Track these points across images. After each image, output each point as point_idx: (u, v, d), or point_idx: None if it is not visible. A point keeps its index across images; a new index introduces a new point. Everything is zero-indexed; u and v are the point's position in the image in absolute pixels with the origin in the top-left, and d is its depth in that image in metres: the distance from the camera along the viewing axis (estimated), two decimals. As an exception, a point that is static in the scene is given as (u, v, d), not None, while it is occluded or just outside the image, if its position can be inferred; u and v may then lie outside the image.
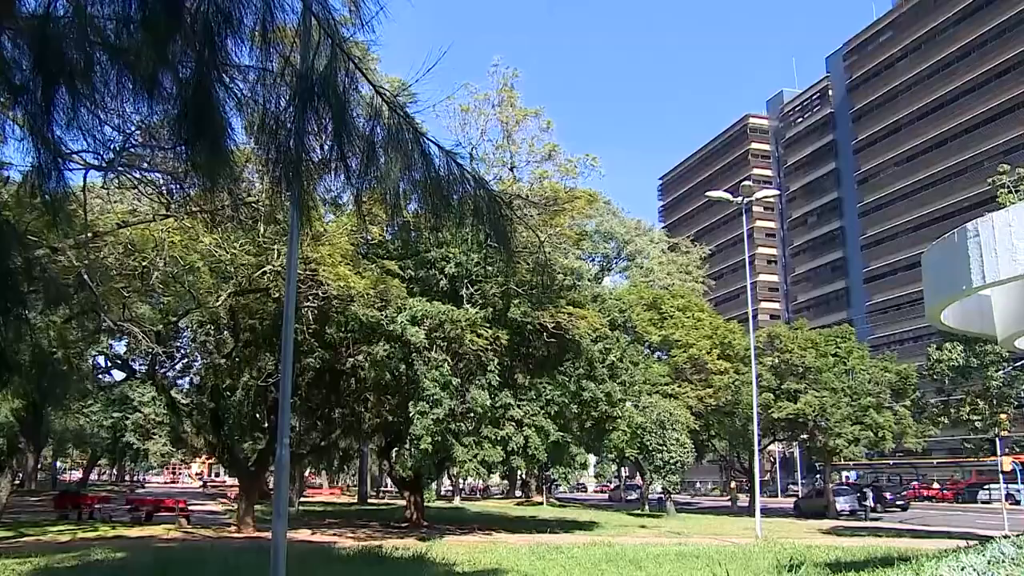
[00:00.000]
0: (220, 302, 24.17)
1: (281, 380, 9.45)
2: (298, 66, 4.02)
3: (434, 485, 67.23)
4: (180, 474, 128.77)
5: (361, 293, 24.30)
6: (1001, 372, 35.71)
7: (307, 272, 22.93)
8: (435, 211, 4.23)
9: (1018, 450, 56.73)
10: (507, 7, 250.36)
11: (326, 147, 4.14)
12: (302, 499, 52.34)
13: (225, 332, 30.26)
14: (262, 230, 20.36)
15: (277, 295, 23.72)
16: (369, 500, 61.60)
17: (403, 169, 4.08)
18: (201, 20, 3.71)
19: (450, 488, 78.06)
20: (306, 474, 68.02)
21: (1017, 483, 46.40)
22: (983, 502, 59.25)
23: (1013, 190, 33.94)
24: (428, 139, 4.19)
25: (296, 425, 33.59)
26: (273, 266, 22.40)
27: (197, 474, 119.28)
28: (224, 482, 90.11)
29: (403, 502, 39.16)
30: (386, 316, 26.31)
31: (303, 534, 27.83)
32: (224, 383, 31.04)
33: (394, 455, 38.55)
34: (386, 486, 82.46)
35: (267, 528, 21.17)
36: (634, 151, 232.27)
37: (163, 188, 10.94)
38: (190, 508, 34.97)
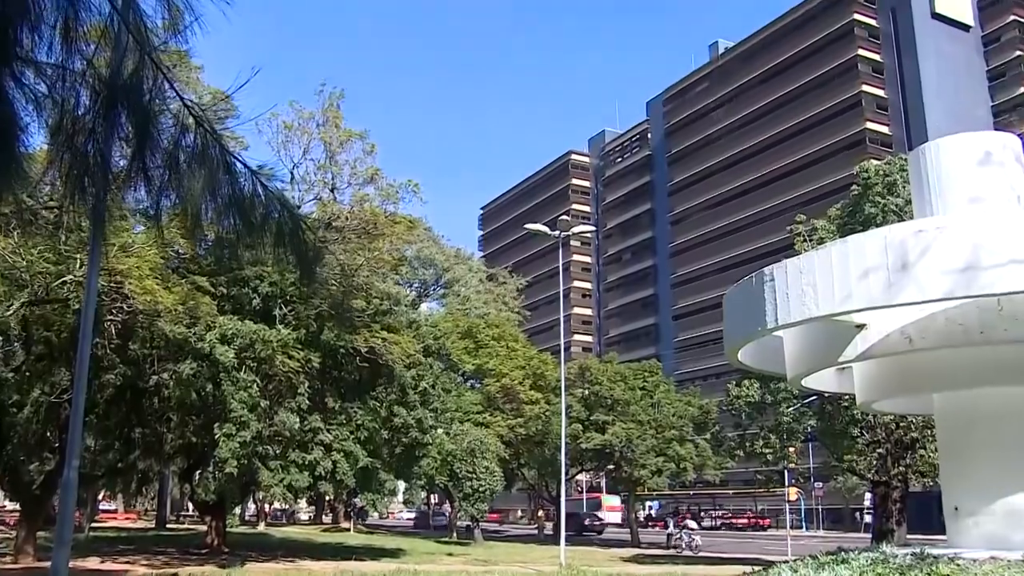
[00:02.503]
0: (11, 312, 22.65)
1: (74, 397, 8.89)
2: (102, 70, 3.83)
3: (238, 510, 65.01)
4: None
5: (169, 309, 23.31)
6: (791, 408, 37.79)
7: (111, 284, 21.82)
8: (237, 231, 4.11)
9: (802, 481, 60.30)
10: (343, 37, 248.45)
11: (127, 157, 3.96)
12: (93, 524, 49.41)
13: (16, 344, 28.33)
14: (64, 238, 19.27)
15: (77, 306, 22.45)
16: (168, 525, 58.87)
17: (207, 186, 3.95)
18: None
19: (255, 513, 75.68)
20: (99, 497, 64.28)
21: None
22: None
23: (808, 239, 36.12)
24: (235, 157, 4.08)
25: (91, 445, 31.75)
26: (75, 276, 21.19)
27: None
28: (3, 507, 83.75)
29: (204, 527, 37.64)
30: (195, 333, 25.36)
31: (92, 563, 26.27)
32: (11, 399, 28.99)
33: (197, 478, 37.02)
34: (187, 510, 78.99)
35: (49, 557, 19.83)
36: (458, 181, 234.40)
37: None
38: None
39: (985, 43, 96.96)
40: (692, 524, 52.08)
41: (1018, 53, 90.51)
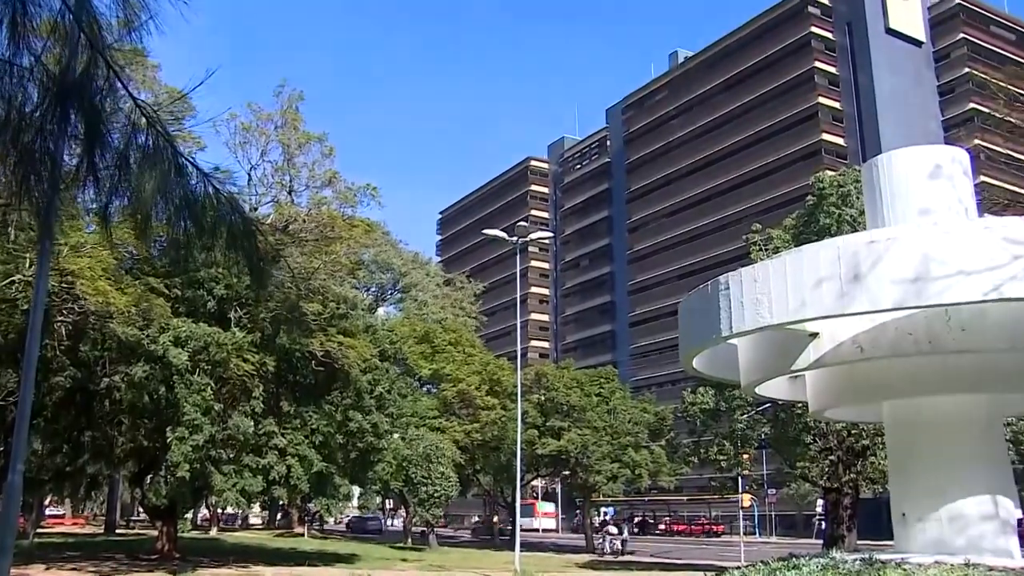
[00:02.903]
0: (-45, 312, 22.22)
1: (21, 399, 8.72)
2: (51, 67, 3.77)
3: (190, 515, 64.15)
4: None
5: (122, 310, 22.99)
6: (745, 416, 38.09)
7: (62, 284, 21.48)
8: (188, 233, 4.06)
9: (755, 487, 60.89)
10: (304, 40, 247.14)
11: (76, 157, 3.89)
12: (39, 530, 48.46)
13: (-39, 345, 27.76)
14: (12, 236, 18.94)
15: (26, 307, 22.05)
16: (118, 531, 57.93)
17: (158, 188, 3.89)
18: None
19: (207, 518, 74.74)
20: (46, 502, 63.12)
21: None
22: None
23: (763, 248, 36.46)
24: (187, 159, 4.02)
25: (38, 448, 31.18)
26: (24, 276, 20.82)
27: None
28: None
29: (155, 533, 37.08)
30: (148, 336, 25.02)
31: (36, 570, 25.77)
32: (-47, 402, 28.41)
33: (148, 482, 36.46)
34: (138, 515, 77.80)
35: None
36: (417, 185, 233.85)
37: None
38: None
39: (936, 59, 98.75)
40: (613, 530, 53.32)
41: (967, 69, 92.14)
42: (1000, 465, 13.84)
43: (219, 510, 72.02)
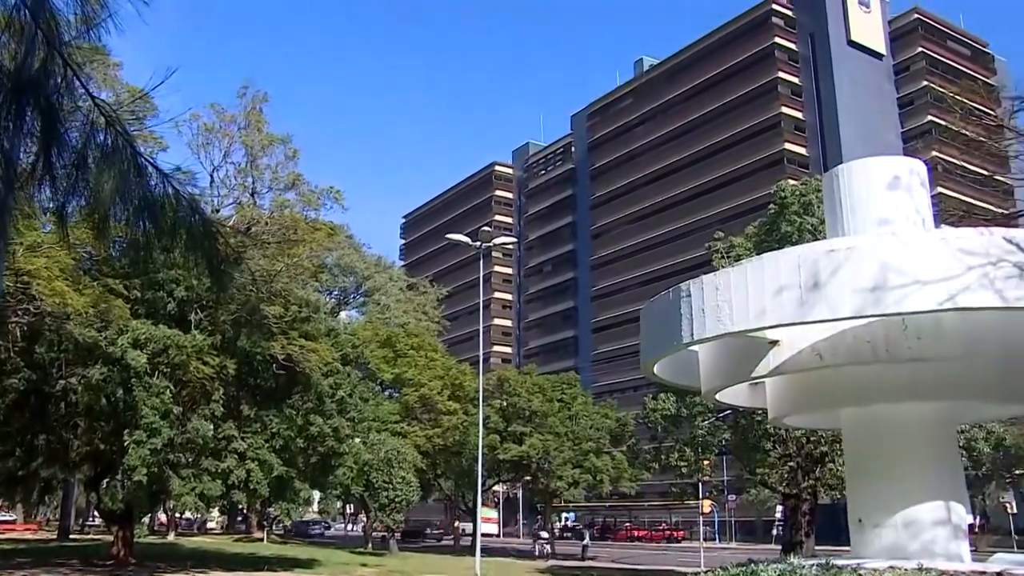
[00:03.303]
0: (-94, 312, 21.79)
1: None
2: (7, 63, 3.71)
3: (147, 519, 63.34)
4: None
5: (79, 311, 22.69)
6: (706, 422, 38.35)
7: (18, 285, 21.15)
8: (148, 234, 4.00)
9: (715, 493, 61.27)
10: (270, 43, 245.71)
11: (32, 155, 3.83)
12: (-10, 534, 47.60)
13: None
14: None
15: (-20, 308, 21.71)
16: (72, 536, 57.02)
17: (116, 188, 3.84)
18: None
19: (164, 522, 73.80)
20: (-3, 506, 62.01)
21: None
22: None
23: (725, 255, 36.73)
24: (146, 159, 3.97)
25: (-10, 452, 30.66)
26: (-23, 276, 20.47)
27: None
28: None
29: (111, 538, 36.55)
30: (106, 337, 24.69)
31: (-15, 575, 25.32)
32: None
33: (104, 486, 35.95)
34: (93, 520, 76.65)
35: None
36: (381, 189, 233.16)
37: None
38: None
39: (896, 71, 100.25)
40: (544, 535, 54.28)
41: (926, 83, 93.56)
42: (953, 472, 14.07)
43: (177, 514, 71.20)
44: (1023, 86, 9.98)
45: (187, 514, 71.65)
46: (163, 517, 74.23)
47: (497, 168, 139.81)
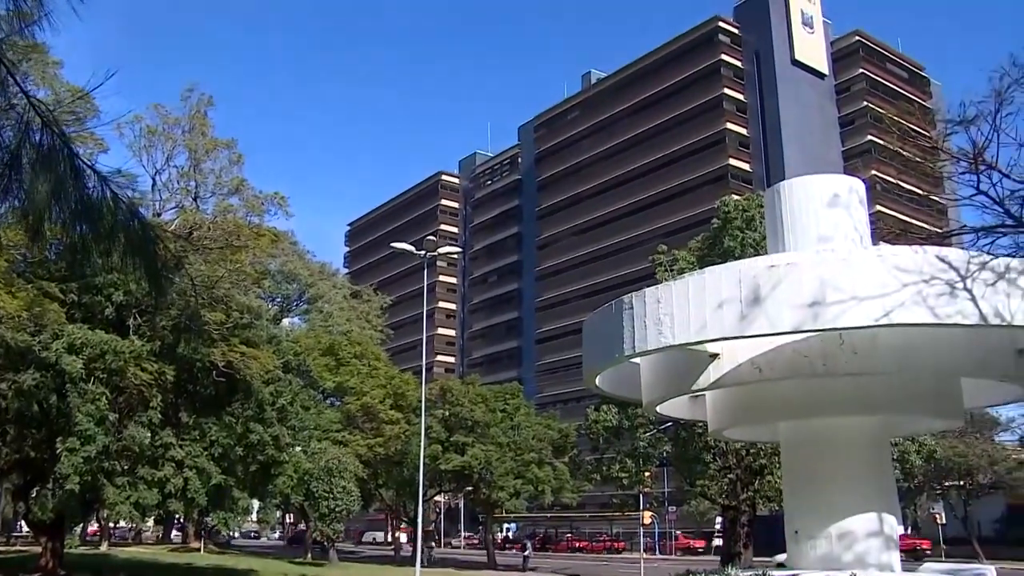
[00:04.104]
0: None
1: None
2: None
3: (79, 529, 61.96)
4: None
5: (12, 315, 22.16)
6: (647, 434, 38.60)
7: (-53, 288, 20.61)
8: (84, 238, 3.93)
9: (656, 505, 61.71)
10: (218, 49, 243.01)
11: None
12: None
13: None
14: None
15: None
16: (-3, 546, 55.56)
17: (52, 190, 3.75)
18: None
19: (97, 532, 72.24)
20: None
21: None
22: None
23: (669, 269, 37.07)
24: (83, 161, 3.90)
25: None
26: (-96, 277, 19.92)
27: None
28: None
29: (39, 549, 35.66)
30: (40, 342, 24.12)
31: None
32: None
33: (34, 495, 35.05)
34: (21, 531, 74.69)
35: None
36: (327, 196, 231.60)
37: None
38: None
39: (838, 91, 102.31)
40: (432, 544, 54.61)
41: (866, 103, 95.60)
42: (886, 484, 14.35)
43: (111, 524, 69.76)
44: (957, 109, 10.26)
45: (121, 523, 70.28)
46: (95, 527, 72.74)
47: (444, 177, 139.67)
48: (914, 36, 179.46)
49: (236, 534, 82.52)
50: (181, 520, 62.82)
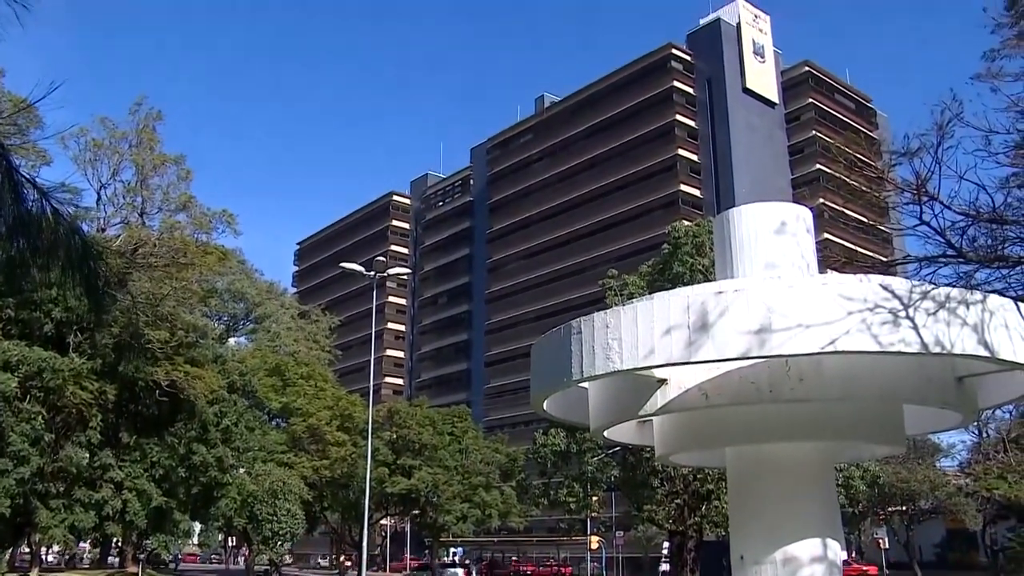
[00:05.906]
0: None
1: None
2: None
3: (8, 554, 60.27)
4: None
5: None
6: (595, 458, 38.62)
7: None
8: (22, 253, 3.81)
9: (603, 530, 61.68)
10: (167, 62, 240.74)
11: None
12: None
13: None
14: None
15: None
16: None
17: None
18: None
19: (28, 557, 70.38)
20: None
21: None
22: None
23: (619, 293, 37.26)
24: (22, 175, 3.80)
25: None
26: None
27: None
28: None
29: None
30: (-26, 359, 23.61)
31: None
32: None
33: (-36, 518, 34.13)
34: (-54, 556, 72.45)
35: None
36: (276, 214, 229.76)
37: None
38: None
39: (788, 120, 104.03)
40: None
41: (814, 132, 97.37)
42: (830, 509, 14.45)
43: (43, 548, 67.98)
44: (901, 141, 10.45)
45: (55, 547, 68.56)
46: (27, 550, 70.77)
47: (395, 198, 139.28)
48: (862, 67, 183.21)
49: (179, 556, 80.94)
50: (119, 544, 61.49)
